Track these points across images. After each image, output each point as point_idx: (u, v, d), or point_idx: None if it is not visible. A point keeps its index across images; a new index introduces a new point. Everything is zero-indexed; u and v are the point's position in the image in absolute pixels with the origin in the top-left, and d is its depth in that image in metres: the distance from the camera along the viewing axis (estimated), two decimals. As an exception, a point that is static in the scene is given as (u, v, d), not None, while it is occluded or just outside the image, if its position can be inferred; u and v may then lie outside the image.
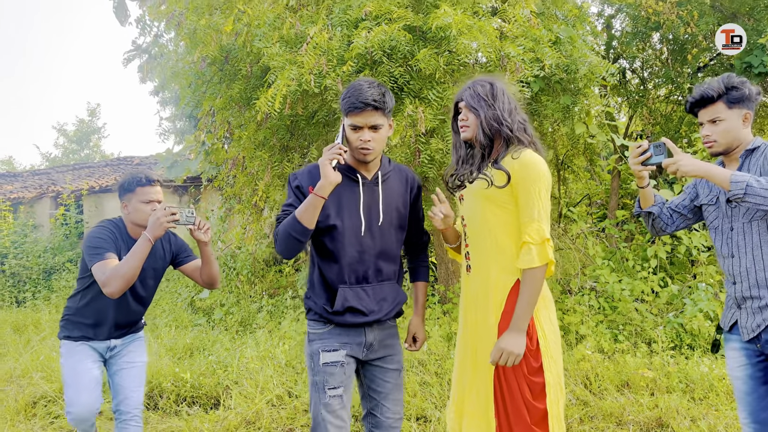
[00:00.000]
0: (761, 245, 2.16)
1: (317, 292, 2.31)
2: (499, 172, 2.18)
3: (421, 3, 4.75)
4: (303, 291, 7.71)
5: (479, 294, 2.25)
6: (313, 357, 2.27)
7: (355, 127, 2.20)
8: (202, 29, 4.97)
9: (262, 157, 5.71)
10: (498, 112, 2.20)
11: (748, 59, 7.16)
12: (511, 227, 2.19)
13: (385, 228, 2.33)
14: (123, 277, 2.50)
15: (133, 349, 3.00)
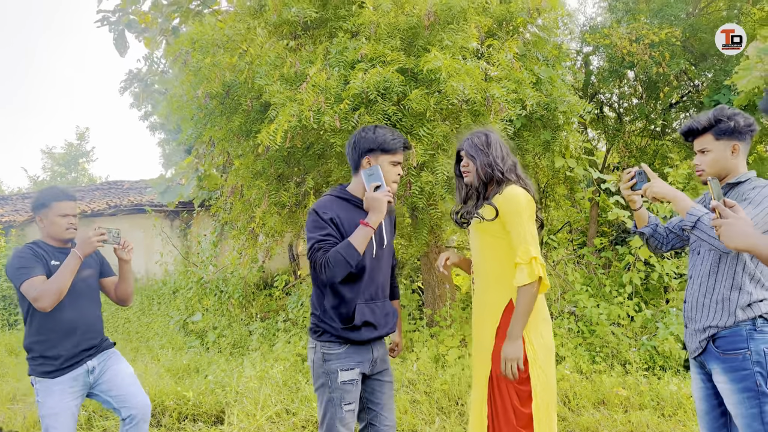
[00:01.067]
0: (709, 274, 2.45)
1: (331, 314, 2.53)
2: (489, 208, 2.60)
3: (412, 47, 5.14)
4: (294, 314, 7.96)
5: (480, 312, 2.68)
6: (331, 375, 2.51)
7: (395, 163, 2.60)
8: (206, 67, 5.30)
9: (260, 185, 6.01)
10: (491, 159, 2.63)
11: (717, 97, 7.66)
12: (504, 254, 2.60)
13: (386, 251, 2.68)
14: (55, 292, 2.66)
15: (113, 363, 3.04)
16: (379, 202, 2.46)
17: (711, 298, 2.42)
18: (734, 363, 2.29)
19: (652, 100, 8.81)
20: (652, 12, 8.77)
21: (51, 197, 2.91)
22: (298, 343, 6.42)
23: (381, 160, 2.56)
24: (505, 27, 5.73)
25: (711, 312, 2.40)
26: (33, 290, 2.69)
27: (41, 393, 2.84)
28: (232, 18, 6.07)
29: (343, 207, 2.57)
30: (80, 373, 2.90)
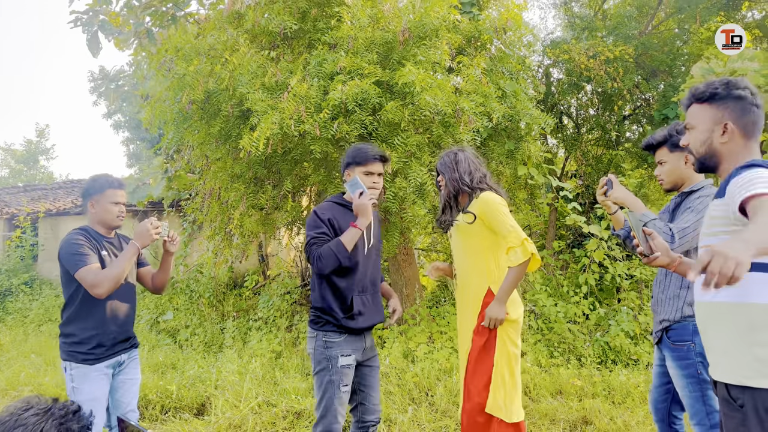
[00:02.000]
0: (666, 273, 2.78)
1: (333, 305, 2.88)
2: (467, 215, 3.08)
3: (388, 61, 5.47)
4: (265, 313, 8.18)
5: (463, 302, 3.15)
6: (332, 360, 2.88)
7: (368, 173, 2.96)
8: (190, 75, 5.52)
9: (238, 188, 6.25)
10: (458, 175, 3.13)
11: (665, 111, 8.22)
12: (481, 251, 3.08)
13: (375, 248, 3.07)
14: (112, 279, 2.72)
15: (133, 366, 3.11)
16: (365, 206, 2.85)
17: (665, 295, 2.75)
18: (681, 353, 2.62)
19: (607, 111, 9.36)
20: (608, 29, 9.34)
21: (106, 184, 2.92)
22: (273, 341, 6.67)
23: (356, 171, 2.96)
24: (473, 44, 6.12)
25: (665, 307, 2.74)
26: (90, 277, 2.72)
27: (77, 379, 2.84)
28: (212, 26, 6.29)
29: (340, 211, 2.98)
30: (113, 364, 2.95)
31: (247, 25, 5.85)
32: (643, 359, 5.55)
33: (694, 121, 2.00)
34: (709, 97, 1.95)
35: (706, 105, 1.96)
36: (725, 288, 1.44)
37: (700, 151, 1.99)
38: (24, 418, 1.46)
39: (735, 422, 1.72)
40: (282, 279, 9.75)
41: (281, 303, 8.28)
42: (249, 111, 5.61)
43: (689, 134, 2.03)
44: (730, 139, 1.92)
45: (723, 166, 1.95)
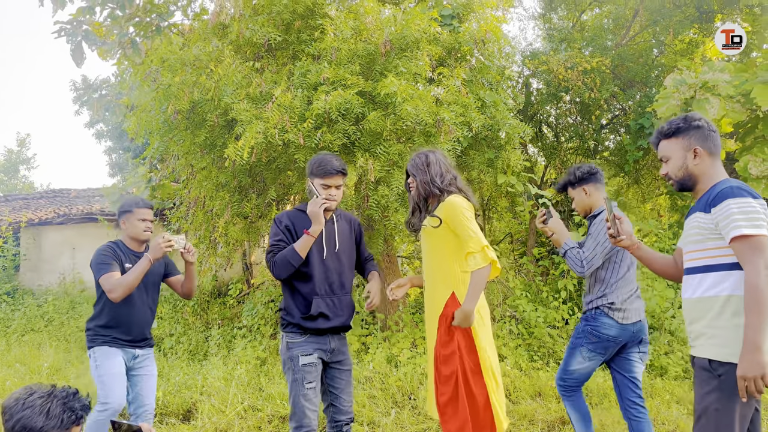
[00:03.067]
0: None
1: (293, 308, 3.03)
2: (433, 218, 3.08)
3: (370, 72, 5.60)
4: (249, 321, 8.23)
5: (429, 306, 3.14)
6: (293, 360, 2.98)
7: (326, 186, 3.05)
8: (176, 85, 5.60)
9: (223, 197, 6.32)
10: (429, 177, 3.13)
11: (641, 121, 8.44)
12: (446, 255, 3.07)
13: (341, 253, 3.16)
14: (125, 286, 3.18)
15: (149, 363, 3.57)
16: (316, 214, 2.94)
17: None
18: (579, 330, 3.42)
19: (585, 121, 9.58)
20: (586, 41, 9.57)
21: (134, 204, 3.45)
22: (258, 347, 6.73)
23: (315, 182, 3.05)
24: (453, 55, 6.28)
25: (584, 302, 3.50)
26: (108, 283, 3.19)
27: (100, 357, 3.31)
28: (197, 37, 6.38)
29: (299, 218, 3.08)
30: (129, 353, 3.41)
31: (232, 36, 5.95)
32: (620, 362, 5.69)
33: (668, 154, 2.41)
34: (675, 132, 2.39)
35: (674, 139, 2.39)
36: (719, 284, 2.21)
37: (678, 175, 2.39)
38: (30, 401, 1.57)
39: (710, 387, 2.16)
40: (266, 287, 9.80)
41: (265, 311, 8.33)
42: (234, 121, 5.71)
43: (665, 165, 2.43)
44: (701, 160, 2.33)
45: (699, 185, 2.36)
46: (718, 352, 2.16)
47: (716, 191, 2.23)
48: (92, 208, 12.67)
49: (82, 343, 8.88)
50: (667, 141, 2.41)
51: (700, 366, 2.24)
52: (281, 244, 3.00)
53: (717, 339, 2.18)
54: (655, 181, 10.23)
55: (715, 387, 2.15)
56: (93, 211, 12.21)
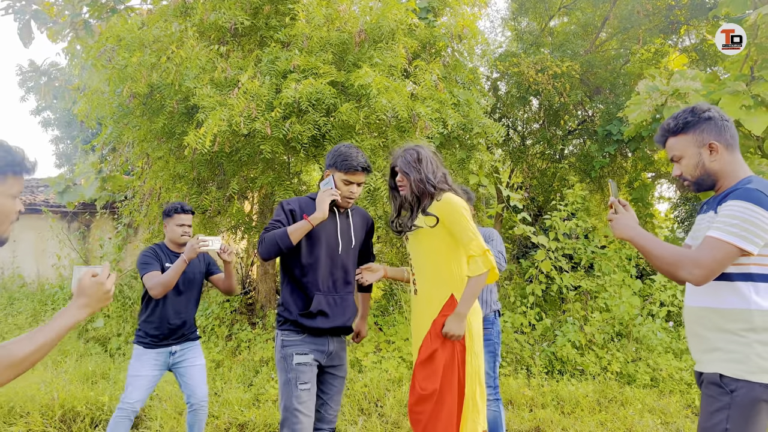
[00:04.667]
0: None
1: (292, 303, 2.80)
2: (429, 217, 2.80)
3: (343, 62, 5.34)
4: (203, 321, 7.84)
5: (424, 310, 2.84)
6: (287, 359, 2.73)
7: (347, 182, 2.82)
8: (132, 66, 5.21)
9: (181, 189, 5.95)
10: (423, 175, 2.86)
11: (609, 127, 8.44)
12: (443, 255, 2.83)
13: (353, 249, 2.93)
14: (163, 284, 3.32)
15: (192, 355, 3.64)
16: (321, 201, 2.72)
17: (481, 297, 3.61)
18: (484, 336, 3.51)
19: (553, 126, 9.55)
20: (555, 45, 9.55)
21: (173, 210, 3.63)
22: (213, 349, 6.37)
23: (337, 176, 2.83)
24: (428, 50, 6.08)
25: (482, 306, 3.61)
26: (149, 281, 3.35)
27: (134, 356, 3.50)
28: (157, 18, 5.98)
29: (309, 204, 2.85)
30: (164, 352, 3.52)
31: (196, 19, 5.59)
32: (589, 369, 5.59)
33: (679, 152, 2.13)
34: (684, 127, 2.11)
35: (683, 135, 2.11)
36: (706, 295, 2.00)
37: (695, 174, 2.11)
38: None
39: (720, 404, 1.95)
40: (222, 286, 9.40)
41: (220, 311, 7.94)
42: (195, 108, 5.36)
43: (678, 165, 2.14)
44: (719, 156, 2.07)
45: (720, 182, 2.09)
46: (730, 368, 1.95)
47: (732, 189, 2.00)
48: (35, 199, 11.97)
49: (21, 342, 8.29)
50: (675, 138, 2.14)
51: (709, 381, 2.02)
52: (278, 225, 2.80)
53: (731, 354, 1.96)
54: (618, 188, 10.29)
55: (726, 404, 1.94)
56: (36, 202, 11.52)
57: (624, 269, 6.96)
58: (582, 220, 6.94)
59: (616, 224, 2.15)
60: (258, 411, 4.52)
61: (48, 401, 4.62)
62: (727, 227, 1.88)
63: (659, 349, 5.92)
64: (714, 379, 2.00)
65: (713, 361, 2.02)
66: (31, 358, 1.45)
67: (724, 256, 1.88)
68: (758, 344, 1.91)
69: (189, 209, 3.68)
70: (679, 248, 1.96)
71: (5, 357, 1.41)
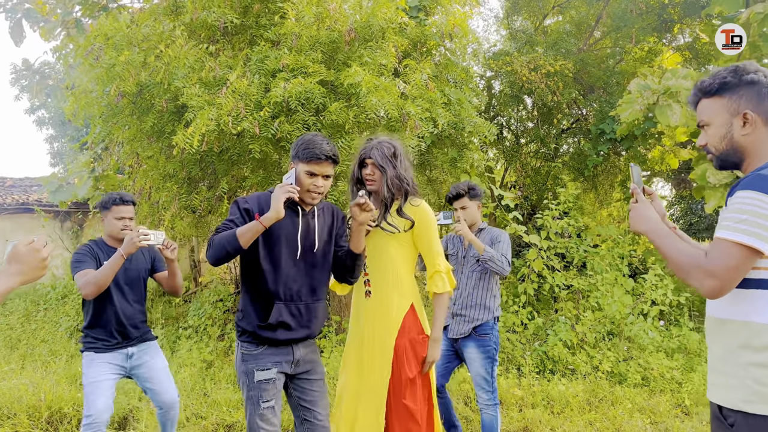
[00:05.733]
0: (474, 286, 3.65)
1: (250, 313, 2.58)
2: (404, 220, 2.74)
3: (333, 60, 5.32)
4: (195, 321, 7.82)
5: (378, 315, 2.74)
6: (248, 375, 2.55)
7: (311, 174, 2.52)
8: (120, 64, 5.18)
9: (171, 188, 5.92)
10: (399, 172, 2.75)
11: (602, 126, 8.44)
12: (408, 261, 2.79)
13: (319, 253, 2.65)
14: (95, 283, 3.01)
15: (151, 356, 3.40)
16: (275, 197, 2.41)
17: (473, 301, 3.60)
18: (484, 341, 3.55)
19: (547, 125, 9.53)
20: (548, 44, 9.53)
21: (111, 201, 3.29)
22: (204, 350, 6.34)
23: (300, 167, 2.56)
24: (419, 48, 6.06)
25: (475, 311, 3.58)
26: (80, 280, 3.07)
27: (86, 365, 3.21)
28: (146, 16, 5.95)
29: (269, 201, 2.49)
30: (120, 355, 3.27)
31: (185, 18, 5.56)
32: (580, 369, 5.58)
33: (708, 117, 1.79)
34: (720, 88, 1.75)
35: (717, 98, 1.76)
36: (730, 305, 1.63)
37: (719, 147, 1.79)
38: None
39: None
40: (214, 286, 9.37)
41: (213, 311, 7.93)
42: (184, 107, 5.32)
43: (705, 133, 1.82)
44: (753, 129, 1.72)
45: (748, 161, 1.76)
46: (727, 397, 1.64)
47: (747, 175, 1.64)
48: (29, 198, 11.93)
49: (10, 342, 8.28)
50: (708, 101, 1.78)
51: (712, 412, 1.74)
52: (230, 225, 2.50)
53: (727, 378, 1.65)
54: (611, 187, 10.29)
55: None
56: (29, 202, 11.48)
57: (617, 268, 6.95)
58: (574, 219, 6.92)
59: (633, 215, 1.85)
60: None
61: (35, 402, 4.60)
62: (736, 224, 1.56)
63: (650, 348, 5.91)
64: (714, 410, 1.71)
65: (713, 387, 1.73)
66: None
67: (738, 262, 1.55)
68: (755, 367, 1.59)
69: (129, 200, 3.35)
70: (694, 252, 1.64)
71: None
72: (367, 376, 2.74)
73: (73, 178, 10.92)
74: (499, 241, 3.61)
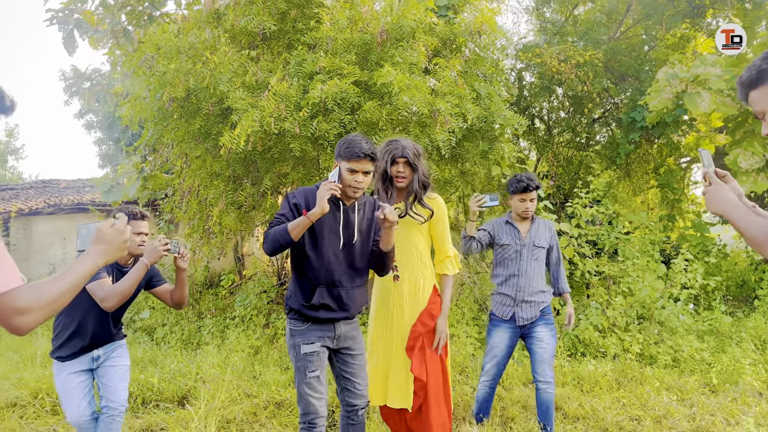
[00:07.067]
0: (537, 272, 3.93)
1: (297, 294, 2.95)
2: (425, 210, 3.27)
3: (366, 61, 5.62)
4: (241, 311, 8.25)
5: (408, 297, 3.26)
6: (296, 348, 2.93)
7: (352, 171, 2.82)
8: (171, 72, 5.59)
9: (218, 186, 6.32)
10: (425, 170, 3.31)
11: (633, 114, 8.51)
12: (427, 247, 3.33)
13: (357, 244, 2.98)
14: (120, 294, 2.94)
15: (116, 354, 3.37)
16: (320, 196, 2.69)
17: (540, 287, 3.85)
18: (549, 320, 3.84)
19: (578, 114, 9.64)
20: (578, 34, 9.63)
21: (130, 216, 3.12)
22: (251, 336, 6.75)
23: (342, 165, 2.84)
24: (449, 46, 6.30)
25: (541, 295, 3.84)
26: (100, 291, 2.95)
27: (56, 373, 3.26)
28: (191, 25, 6.36)
29: (315, 195, 2.82)
30: (86, 358, 3.27)
31: (227, 25, 5.94)
32: (610, 351, 5.77)
33: (762, 107, 1.75)
34: (759, 78, 1.72)
35: (762, 87, 1.72)
36: None
37: None
38: None
39: None
40: (258, 278, 9.81)
41: (258, 302, 8.34)
42: (229, 109, 5.70)
43: (765, 122, 1.78)
44: None
45: None
46: None
47: None
48: (83, 199, 12.60)
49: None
50: (756, 92, 1.74)
51: None
52: (282, 219, 2.83)
53: None
54: (645, 174, 10.33)
55: None
56: (83, 202, 12.15)
57: (648, 254, 7.08)
58: (605, 207, 7.07)
59: (709, 198, 1.85)
60: (293, 391, 4.86)
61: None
62: None
63: (681, 331, 6.06)
64: None
65: None
66: (62, 298, 1.50)
67: None
68: None
69: (145, 215, 3.28)
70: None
71: (40, 296, 1.45)
72: (398, 351, 3.26)
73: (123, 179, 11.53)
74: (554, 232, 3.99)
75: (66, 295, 1.52)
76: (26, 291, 1.41)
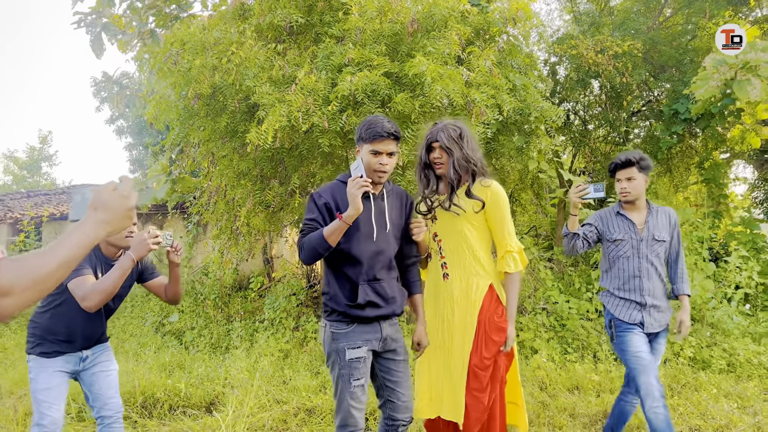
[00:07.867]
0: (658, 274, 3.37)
1: (338, 294, 2.69)
2: (473, 201, 2.79)
3: (397, 52, 5.39)
4: (270, 314, 8.08)
5: (459, 297, 2.81)
6: (339, 353, 2.65)
7: (375, 153, 2.60)
8: (196, 68, 5.43)
9: (245, 185, 6.15)
10: (465, 153, 2.82)
11: (675, 107, 8.12)
12: (483, 242, 2.86)
13: (391, 234, 2.75)
14: (103, 292, 2.67)
15: (104, 359, 3.12)
16: (352, 196, 2.47)
17: (664, 290, 3.32)
18: (666, 330, 3.34)
19: (616, 108, 9.26)
20: (615, 25, 9.26)
21: None
22: (281, 339, 6.56)
23: (364, 149, 2.62)
24: (482, 36, 6.04)
25: (666, 300, 3.32)
26: (80, 289, 2.72)
27: (35, 370, 2.94)
28: (217, 21, 6.21)
29: (342, 191, 2.65)
30: (73, 358, 3.02)
31: (253, 20, 5.78)
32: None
33: None
34: None
35: None
36: None
37: None
38: None
39: None
40: (287, 281, 9.65)
41: (287, 304, 8.17)
42: (255, 106, 5.53)
43: None
44: None
45: None
46: None
47: None
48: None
49: (104, 337, 8.79)
50: None
51: None
52: (314, 224, 2.61)
53: None
54: (687, 170, 9.89)
55: None
56: (114, 205, 12.15)
57: (696, 252, 6.70)
58: (648, 203, 6.71)
59: None
60: (325, 397, 4.65)
61: (130, 389, 4.90)
62: None
63: (735, 333, 5.68)
64: None
65: None
66: (53, 276, 1.21)
67: None
68: None
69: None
70: None
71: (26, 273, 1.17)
72: (447, 356, 2.84)
73: (152, 182, 11.50)
74: (676, 221, 3.37)
75: (57, 272, 1.21)
76: (7, 265, 1.14)
